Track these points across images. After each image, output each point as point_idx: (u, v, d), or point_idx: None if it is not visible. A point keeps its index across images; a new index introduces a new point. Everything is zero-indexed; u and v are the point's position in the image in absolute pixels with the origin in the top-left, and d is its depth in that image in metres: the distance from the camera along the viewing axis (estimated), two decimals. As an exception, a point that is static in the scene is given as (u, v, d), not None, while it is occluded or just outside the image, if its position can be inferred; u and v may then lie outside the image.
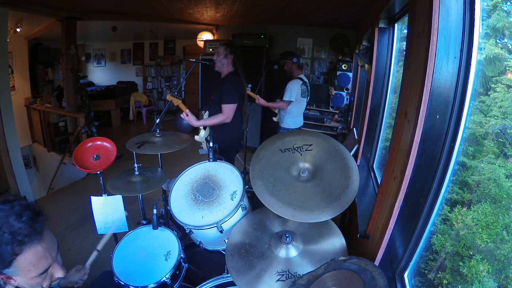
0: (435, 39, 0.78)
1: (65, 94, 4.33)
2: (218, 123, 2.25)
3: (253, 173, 1.23)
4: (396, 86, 2.05)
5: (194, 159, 1.82)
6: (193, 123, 2.25)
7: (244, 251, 1.12)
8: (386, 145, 2.09)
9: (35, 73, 6.02)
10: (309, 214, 1.07)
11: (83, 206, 3.01)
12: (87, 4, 3.49)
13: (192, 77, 5.66)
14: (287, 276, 1.01)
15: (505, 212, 1.17)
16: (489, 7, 1.09)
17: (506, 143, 1.21)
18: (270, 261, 1.07)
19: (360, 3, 2.76)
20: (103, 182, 1.77)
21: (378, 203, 1.15)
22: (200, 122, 2.24)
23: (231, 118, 2.26)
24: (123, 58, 7.58)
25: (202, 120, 2.25)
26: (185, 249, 1.46)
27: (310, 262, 1.05)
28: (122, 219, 1.62)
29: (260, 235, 1.19)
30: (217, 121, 2.23)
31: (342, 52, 4.53)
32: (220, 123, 2.25)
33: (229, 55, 2.30)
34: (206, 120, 2.26)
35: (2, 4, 2.90)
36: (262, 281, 1.00)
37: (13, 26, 4.42)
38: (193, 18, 4.72)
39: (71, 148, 4.41)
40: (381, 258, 1.08)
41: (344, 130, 4.17)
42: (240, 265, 1.07)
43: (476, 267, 1.16)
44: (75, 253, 2.39)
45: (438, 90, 0.84)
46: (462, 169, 1.28)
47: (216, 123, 2.24)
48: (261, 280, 1.01)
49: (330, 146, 1.29)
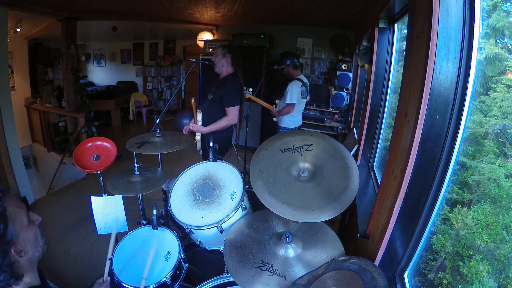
0: (435, 39, 0.78)
1: (65, 94, 4.32)
2: (225, 127, 2.26)
3: (253, 173, 1.23)
4: (396, 86, 2.05)
5: (194, 159, 1.82)
6: (202, 131, 2.24)
7: (243, 248, 1.12)
8: (386, 145, 2.09)
9: (35, 73, 6.01)
10: (309, 214, 1.07)
11: (83, 206, 3.01)
12: (87, 4, 3.49)
13: (192, 77, 5.67)
14: (278, 274, 1.01)
15: (505, 212, 1.17)
16: (489, 7, 1.09)
17: (506, 143, 1.21)
18: (270, 259, 1.06)
19: (360, 3, 2.75)
20: (103, 182, 1.77)
21: (378, 203, 1.15)
22: (208, 129, 2.23)
23: (237, 119, 2.28)
24: (123, 58, 7.57)
25: (209, 126, 2.23)
26: (185, 249, 1.46)
27: (309, 263, 1.05)
28: (122, 219, 1.62)
29: (260, 235, 1.19)
30: (223, 124, 2.23)
31: (342, 52, 4.53)
32: (226, 126, 2.25)
33: (227, 54, 2.30)
34: (213, 126, 2.23)
35: (2, 4, 2.90)
36: (261, 279, 1.00)
37: (13, 26, 4.42)
38: (193, 18, 4.72)
39: (71, 148, 4.41)
40: (381, 258, 1.08)
41: (344, 130, 4.17)
42: (239, 262, 1.07)
43: (476, 267, 1.16)
44: (75, 253, 2.39)
45: (438, 90, 0.84)
46: (462, 169, 1.28)
47: (223, 126, 2.24)
48: (260, 276, 1.00)
49: (330, 146, 1.29)
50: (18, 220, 0.79)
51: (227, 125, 2.25)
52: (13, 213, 0.78)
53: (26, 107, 5.33)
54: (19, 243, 0.78)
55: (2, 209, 0.74)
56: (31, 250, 0.81)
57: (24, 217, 0.81)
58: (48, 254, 2.36)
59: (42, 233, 0.89)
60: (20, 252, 0.77)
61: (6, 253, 0.73)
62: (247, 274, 1.02)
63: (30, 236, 0.82)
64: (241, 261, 1.07)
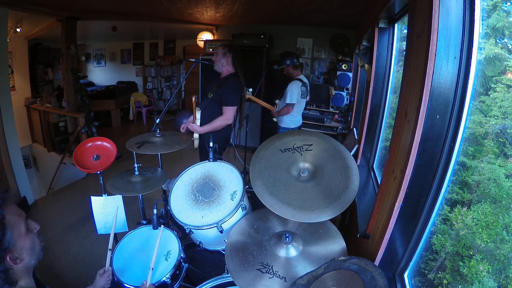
0: (435, 39, 0.78)
1: (65, 94, 4.33)
2: (220, 126, 2.25)
3: (253, 173, 1.23)
4: (396, 86, 2.05)
5: (194, 159, 1.82)
6: (198, 130, 2.24)
7: (244, 251, 1.12)
8: (386, 145, 2.09)
9: (35, 73, 6.01)
10: (309, 214, 1.07)
11: (83, 206, 3.01)
12: (87, 4, 3.49)
13: (192, 77, 5.66)
14: (278, 276, 1.01)
15: (505, 212, 1.17)
16: (489, 7, 1.09)
17: (506, 143, 1.21)
18: (270, 261, 1.06)
19: (360, 3, 2.75)
20: (103, 182, 1.77)
21: (378, 203, 1.15)
22: (203, 129, 2.23)
23: (232, 120, 2.27)
24: (123, 58, 7.57)
25: (205, 126, 2.23)
26: (185, 249, 1.46)
27: (309, 263, 1.05)
28: (122, 219, 1.62)
29: (260, 236, 1.19)
30: (219, 124, 2.22)
31: (342, 52, 4.53)
32: (221, 126, 2.24)
33: (228, 53, 2.30)
34: (208, 126, 2.23)
35: (2, 4, 2.90)
36: (261, 282, 1.00)
37: (13, 26, 4.42)
38: (193, 18, 4.72)
39: (71, 148, 4.41)
40: (381, 258, 1.08)
41: (344, 130, 4.17)
42: (240, 265, 1.07)
43: (476, 267, 1.16)
44: (75, 253, 2.39)
45: (438, 90, 0.84)
46: (462, 169, 1.28)
47: (219, 126, 2.23)
48: (260, 279, 1.00)
49: (330, 146, 1.29)
50: (17, 228, 0.79)
51: (221, 125, 2.24)
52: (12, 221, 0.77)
53: (26, 107, 5.33)
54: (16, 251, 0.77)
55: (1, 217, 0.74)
56: (27, 257, 0.81)
57: (22, 225, 0.81)
58: (48, 254, 2.36)
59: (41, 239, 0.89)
60: (16, 259, 0.77)
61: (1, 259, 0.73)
62: (248, 277, 1.02)
63: (27, 244, 0.82)
64: (241, 264, 1.07)
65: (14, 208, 0.81)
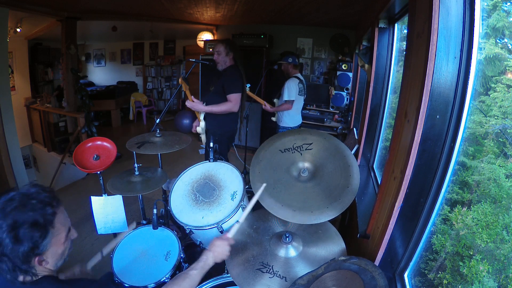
0: (435, 39, 0.78)
1: (65, 94, 4.32)
2: (225, 111, 2.26)
3: (253, 175, 1.23)
4: (396, 86, 2.05)
5: (194, 159, 1.82)
6: (201, 108, 2.25)
7: (244, 251, 1.12)
8: (386, 145, 2.09)
9: (35, 73, 6.01)
10: (309, 215, 1.07)
11: (83, 206, 3.01)
12: (87, 4, 3.49)
13: (192, 77, 5.64)
14: (279, 276, 1.01)
15: (505, 212, 1.17)
16: (489, 7, 1.09)
17: (506, 143, 1.21)
18: (271, 261, 1.06)
19: (360, 3, 2.75)
20: (103, 182, 1.77)
21: (378, 203, 1.15)
22: (208, 108, 2.25)
23: (238, 107, 2.29)
24: (123, 58, 7.57)
25: (209, 106, 2.25)
26: (185, 249, 1.46)
27: (309, 263, 1.05)
28: (122, 219, 1.62)
29: (260, 236, 1.19)
30: (224, 108, 2.24)
31: (342, 52, 4.53)
32: (227, 111, 2.26)
33: (230, 52, 2.36)
34: (214, 107, 2.25)
35: (2, 4, 2.90)
36: (261, 282, 1.00)
37: (13, 26, 4.42)
38: (193, 18, 4.72)
39: (71, 148, 4.41)
40: (381, 258, 1.08)
41: (344, 130, 4.17)
42: (240, 264, 1.07)
43: (476, 267, 1.16)
44: (75, 253, 2.38)
45: (438, 90, 0.84)
46: (462, 169, 1.28)
47: (223, 110, 2.25)
48: (261, 279, 1.01)
49: (330, 145, 1.29)
50: (58, 236, 0.79)
51: (226, 110, 2.25)
52: (57, 228, 0.78)
53: (26, 107, 5.32)
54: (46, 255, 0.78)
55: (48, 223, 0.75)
56: (54, 262, 0.82)
57: (64, 234, 0.82)
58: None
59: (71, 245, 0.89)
60: (42, 261, 0.77)
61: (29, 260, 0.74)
62: (248, 277, 1.02)
63: (60, 251, 0.82)
64: (242, 264, 1.07)
65: (63, 217, 0.82)
